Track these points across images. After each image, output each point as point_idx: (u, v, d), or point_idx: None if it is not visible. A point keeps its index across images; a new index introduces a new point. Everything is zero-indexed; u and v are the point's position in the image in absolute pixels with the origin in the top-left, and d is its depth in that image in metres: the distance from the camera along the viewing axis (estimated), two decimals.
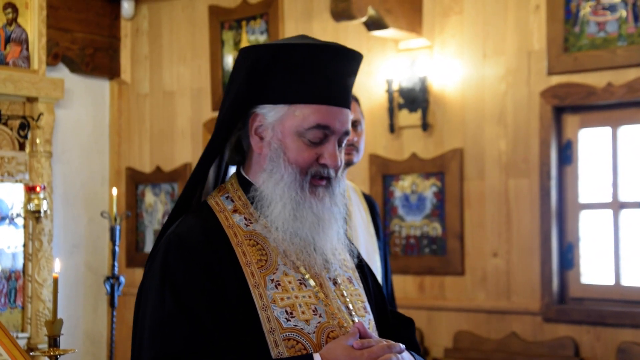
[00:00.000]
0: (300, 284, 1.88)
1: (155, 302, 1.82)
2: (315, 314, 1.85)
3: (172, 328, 1.78)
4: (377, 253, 3.54)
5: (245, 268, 1.85)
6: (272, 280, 1.85)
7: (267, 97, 1.89)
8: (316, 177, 1.90)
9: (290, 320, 1.82)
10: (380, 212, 5.34)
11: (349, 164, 3.33)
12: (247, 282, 1.83)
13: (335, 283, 1.95)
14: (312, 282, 1.89)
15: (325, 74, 1.88)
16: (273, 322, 1.81)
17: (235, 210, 1.93)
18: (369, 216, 3.59)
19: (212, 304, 1.80)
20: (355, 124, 3.41)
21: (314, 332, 1.83)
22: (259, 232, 1.91)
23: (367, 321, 1.97)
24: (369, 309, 2.01)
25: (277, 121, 1.88)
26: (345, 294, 1.95)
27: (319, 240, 1.91)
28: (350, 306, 1.94)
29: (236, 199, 1.95)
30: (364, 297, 2.02)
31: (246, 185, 1.96)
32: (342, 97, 1.91)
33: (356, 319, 1.92)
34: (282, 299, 1.83)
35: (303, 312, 1.84)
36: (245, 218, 1.92)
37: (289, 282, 1.87)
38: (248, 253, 1.87)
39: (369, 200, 3.67)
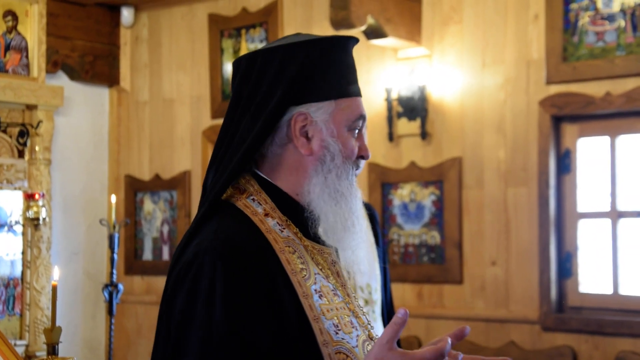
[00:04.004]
0: (334, 294, 1.80)
1: (204, 319, 1.66)
2: (353, 327, 1.77)
3: (226, 348, 1.64)
4: (377, 261, 3.54)
5: (292, 277, 1.73)
6: (316, 291, 1.75)
7: (313, 95, 1.81)
8: (356, 169, 1.88)
9: (338, 334, 1.72)
10: (379, 221, 5.34)
11: None
12: (297, 293, 1.72)
13: (352, 292, 1.89)
14: (340, 292, 1.82)
15: (352, 66, 1.88)
16: (325, 334, 1.71)
17: (266, 214, 1.80)
18: (368, 224, 3.59)
19: (269, 318, 1.67)
20: None
21: (356, 346, 1.75)
22: (292, 238, 1.80)
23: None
24: (373, 321, 1.97)
25: (329, 118, 1.81)
26: (360, 304, 1.88)
27: (350, 242, 1.84)
28: (367, 317, 1.86)
29: (263, 202, 1.81)
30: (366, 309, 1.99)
31: (269, 189, 1.83)
32: (359, 87, 1.91)
33: (375, 331, 1.86)
34: (328, 311, 1.74)
35: (345, 325, 1.75)
36: (278, 223, 1.80)
37: (327, 293, 1.78)
38: (291, 261, 1.75)
39: (368, 208, 3.67)
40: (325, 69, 1.82)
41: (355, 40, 1.89)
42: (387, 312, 3.59)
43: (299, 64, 1.80)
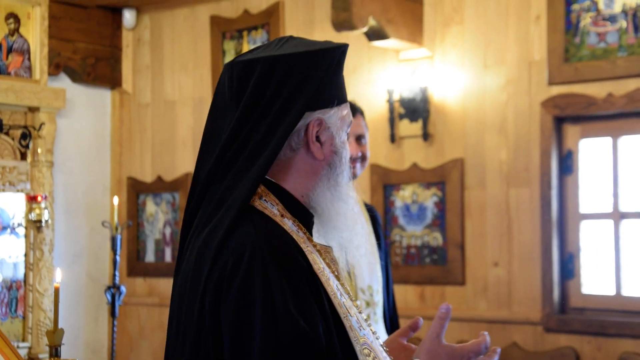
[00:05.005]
0: (344, 292, 1.82)
1: (268, 317, 1.63)
2: (364, 322, 1.81)
3: (293, 344, 1.63)
4: (378, 263, 3.54)
5: (320, 276, 1.75)
6: (337, 289, 1.78)
7: (328, 100, 1.85)
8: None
9: (360, 330, 1.76)
10: (381, 222, 5.34)
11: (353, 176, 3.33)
12: (327, 291, 1.74)
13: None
14: (344, 291, 1.84)
15: None
16: (354, 331, 1.74)
17: (282, 215, 1.81)
18: (370, 226, 3.60)
19: (319, 315, 1.68)
20: (360, 137, 3.46)
21: (373, 341, 1.78)
22: (305, 238, 1.82)
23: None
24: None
25: (339, 123, 1.86)
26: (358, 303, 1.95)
27: (353, 241, 1.89)
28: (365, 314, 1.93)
29: (274, 204, 1.82)
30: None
31: (275, 190, 1.84)
32: None
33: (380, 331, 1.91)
34: (350, 308, 1.77)
35: (361, 321, 1.79)
36: (293, 224, 1.81)
37: (342, 292, 1.81)
38: (315, 261, 1.76)
39: (370, 210, 3.67)
40: (337, 75, 1.87)
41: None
42: (390, 314, 3.59)
43: (324, 71, 1.83)
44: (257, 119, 1.82)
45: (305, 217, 1.86)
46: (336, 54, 1.86)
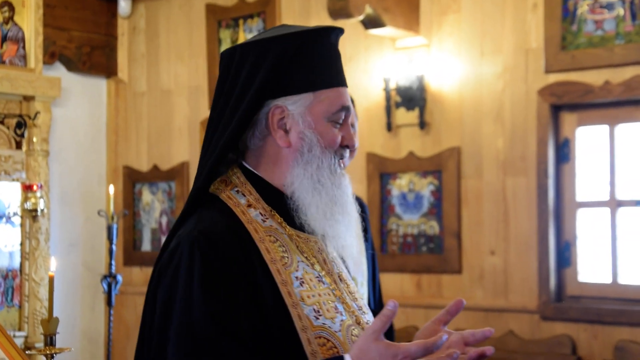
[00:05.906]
0: (319, 281, 1.85)
1: (184, 306, 1.73)
2: (337, 312, 1.82)
3: (204, 333, 1.70)
4: (364, 254, 3.53)
5: (271, 265, 1.79)
6: (297, 278, 1.80)
7: (289, 88, 1.85)
8: (341, 159, 1.92)
9: (318, 319, 1.78)
10: (378, 211, 5.34)
11: None
12: (275, 280, 1.78)
13: (340, 279, 1.93)
14: (326, 279, 1.87)
15: (333, 56, 1.91)
16: (304, 320, 1.76)
17: (249, 205, 1.86)
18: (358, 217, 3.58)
19: (246, 304, 1.74)
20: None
21: (339, 331, 1.79)
22: (275, 227, 1.86)
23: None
24: (366, 307, 2.00)
25: (305, 110, 1.85)
26: (352, 291, 1.93)
27: (334, 230, 1.89)
28: (357, 303, 1.91)
29: (247, 194, 1.88)
30: (360, 294, 2.02)
31: (255, 180, 1.90)
32: (344, 77, 1.94)
33: (368, 317, 1.91)
34: (308, 297, 1.79)
35: (328, 310, 1.80)
36: (260, 213, 1.86)
37: (310, 280, 1.83)
38: (271, 250, 1.81)
39: (358, 201, 3.65)
40: (302, 62, 1.86)
41: (337, 30, 1.93)
42: (375, 307, 3.57)
43: (275, 58, 1.84)
44: (221, 109, 1.89)
45: (284, 207, 1.88)
46: (293, 40, 1.85)
